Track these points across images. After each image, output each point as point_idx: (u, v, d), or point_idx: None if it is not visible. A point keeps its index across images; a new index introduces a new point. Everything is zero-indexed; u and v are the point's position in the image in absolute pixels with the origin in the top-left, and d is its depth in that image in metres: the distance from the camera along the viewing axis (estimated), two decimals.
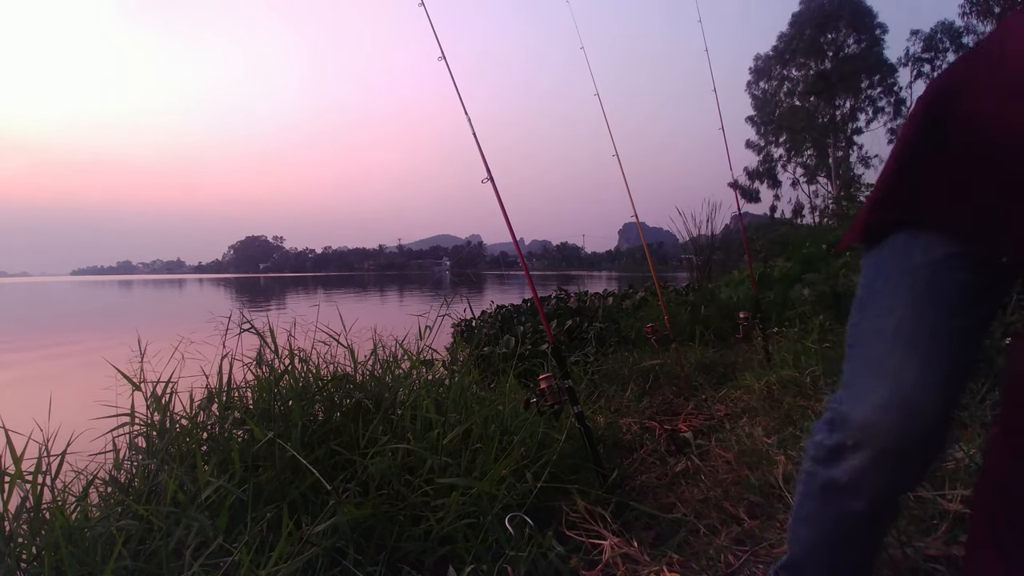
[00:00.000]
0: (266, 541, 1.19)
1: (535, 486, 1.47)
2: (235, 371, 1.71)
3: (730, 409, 2.55)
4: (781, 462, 1.73)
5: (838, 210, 5.83)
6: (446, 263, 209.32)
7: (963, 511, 1.31)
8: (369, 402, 1.67)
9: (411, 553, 1.30)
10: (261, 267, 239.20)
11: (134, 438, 1.55)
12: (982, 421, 1.73)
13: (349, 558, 1.21)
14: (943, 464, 1.53)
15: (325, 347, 1.93)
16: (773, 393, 2.60)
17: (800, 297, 3.65)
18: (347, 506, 1.26)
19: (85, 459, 1.48)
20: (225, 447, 1.45)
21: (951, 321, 0.72)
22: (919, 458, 0.75)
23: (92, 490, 1.42)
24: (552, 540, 1.31)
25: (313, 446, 1.47)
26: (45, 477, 1.31)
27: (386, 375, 1.88)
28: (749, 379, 2.83)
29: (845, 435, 0.77)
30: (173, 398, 1.60)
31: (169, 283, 70.54)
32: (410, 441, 1.52)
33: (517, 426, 1.73)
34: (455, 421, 1.61)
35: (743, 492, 1.61)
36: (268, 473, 1.38)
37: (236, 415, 1.58)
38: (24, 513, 1.25)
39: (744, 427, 2.19)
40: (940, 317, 0.72)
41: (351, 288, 31.13)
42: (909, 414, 0.72)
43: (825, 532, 0.84)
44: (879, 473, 0.75)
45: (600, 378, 3.07)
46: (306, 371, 1.79)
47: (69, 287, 66.70)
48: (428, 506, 1.37)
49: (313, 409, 1.67)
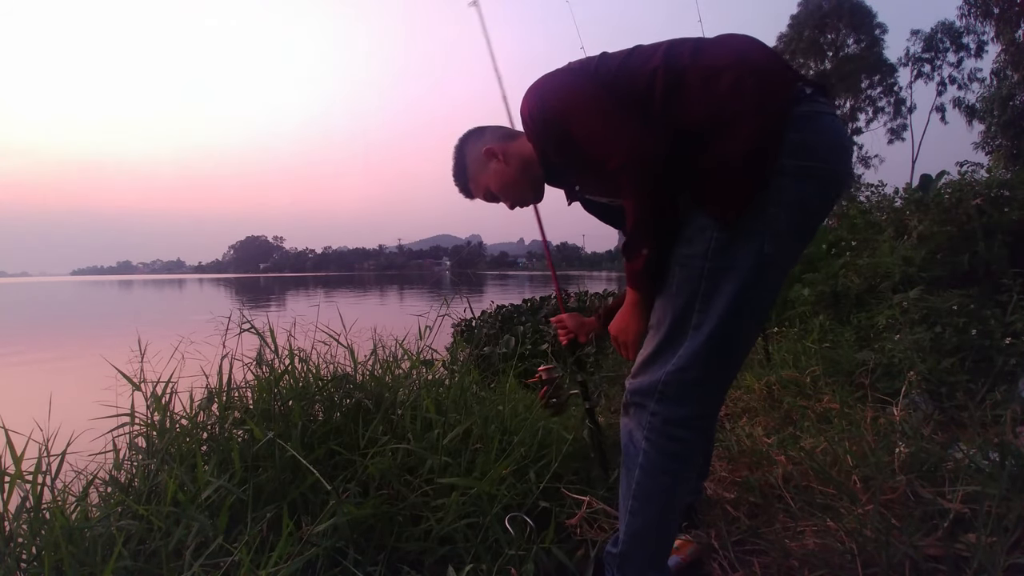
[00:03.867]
0: (266, 541, 1.19)
1: (537, 486, 1.47)
2: (235, 371, 1.71)
3: (730, 409, 2.56)
4: (781, 462, 1.73)
5: (838, 210, 5.81)
6: (446, 263, 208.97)
7: (963, 510, 1.31)
8: (369, 402, 1.67)
9: (411, 553, 1.30)
10: (261, 267, 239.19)
11: (134, 438, 1.55)
12: (982, 421, 1.73)
13: (349, 558, 1.21)
14: (943, 464, 1.54)
15: (325, 347, 1.93)
16: (773, 393, 2.60)
17: (800, 297, 3.65)
18: (347, 506, 1.26)
19: (85, 459, 1.48)
20: (225, 447, 1.45)
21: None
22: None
23: (92, 490, 1.42)
24: (554, 539, 1.31)
25: (313, 446, 1.47)
26: (45, 477, 1.31)
27: (386, 375, 1.88)
28: (749, 379, 2.83)
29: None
30: (173, 398, 1.60)
31: (169, 283, 70.51)
32: (410, 441, 1.52)
33: (517, 426, 1.73)
34: (455, 421, 1.61)
35: (743, 492, 1.61)
36: (268, 473, 1.38)
37: (236, 415, 1.58)
38: (24, 513, 1.25)
39: (744, 427, 2.19)
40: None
41: (351, 288, 31.13)
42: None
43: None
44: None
45: (600, 378, 3.07)
46: (306, 371, 1.79)
47: (69, 287, 66.67)
48: (428, 506, 1.37)
49: (313, 409, 1.67)
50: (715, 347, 0.99)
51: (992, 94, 15.38)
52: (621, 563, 1.09)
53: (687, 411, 1.01)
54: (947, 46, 21.94)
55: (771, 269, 0.99)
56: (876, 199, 4.33)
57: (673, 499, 1.05)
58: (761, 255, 0.96)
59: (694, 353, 0.99)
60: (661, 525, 1.06)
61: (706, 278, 0.98)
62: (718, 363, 1.01)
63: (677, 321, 1.01)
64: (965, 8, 17.16)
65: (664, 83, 0.99)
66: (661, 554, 1.09)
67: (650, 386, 1.03)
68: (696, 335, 0.99)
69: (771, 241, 0.96)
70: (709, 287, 0.98)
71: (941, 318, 2.33)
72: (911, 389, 2.10)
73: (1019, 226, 2.71)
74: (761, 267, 0.97)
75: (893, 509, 1.38)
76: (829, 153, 0.98)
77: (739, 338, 1.01)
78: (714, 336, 0.98)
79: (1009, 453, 1.39)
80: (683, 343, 1.00)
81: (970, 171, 3.25)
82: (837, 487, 1.51)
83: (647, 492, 1.04)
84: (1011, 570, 1.09)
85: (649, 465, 1.03)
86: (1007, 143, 14.64)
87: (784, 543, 1.33)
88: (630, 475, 1.06)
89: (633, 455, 1.06)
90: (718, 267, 0.97)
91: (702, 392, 1.02)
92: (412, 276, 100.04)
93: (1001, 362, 2.09)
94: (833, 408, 2.22)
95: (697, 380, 1.00)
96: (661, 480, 1.03)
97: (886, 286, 2.95)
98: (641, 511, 1.05)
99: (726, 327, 0.98)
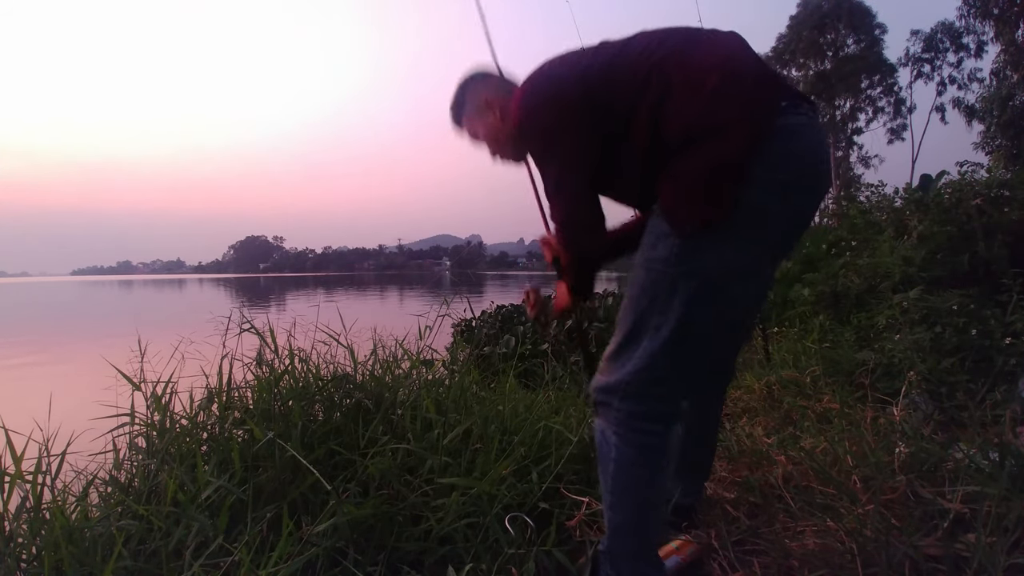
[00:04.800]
0: (266, 541, 1.19)
1: (539, 486, 1.47)
2: (235, 371, 1.71)
3: (730, 409, 2.55)
4: (781, 462, 1.73)
5: (838, 210, 5.83)
6: (446, 263, 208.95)
7: (963, 510, 1.31)
8: (369, 402, 1.67)
9: (411, 553, 1.30)
10: (261, 267, 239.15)
11: (134, 438, 1.55)
12: (982, 421, 1.73)
13: (349, 558, 1.21)
14: (943, 464, 1.54)
15: (325, 347, 1.93)
16: (773, 393, 2.61)
17: (800, 297, 3.65)
18: (347, 506, 1.26)
19: (85, 459, 1.48)
20: (225, 447, 1.45)
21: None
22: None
23: (92, 490, 1.42)
24: (555, 540, 1.31)
25: (313, 446, 1.47)
26: (45, 477, 1.31)
27: (386, 375, 1.88)
28: (749, 379, 2.83)
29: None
30: (173, 398, 1.60)
31: (169, 283, 70.50)
32: (410, 441, 1.52)
33: (517, 426, 1.73)
34: (455, 421, 1.61)
35: (743, 492, 1.61)
36: (268, 473, 1.38)
37: (236, 415, 1.58)
38: (24, 513, 1.25)
39: (744, 427, 2.19)
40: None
41: (351, 288, 31.13)
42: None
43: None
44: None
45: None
46: (306, 371, 1.79)
47: (69, 287, 66.68)
48: (428, 506, 1.37)
49: (313, 409, 1.67)
50: (672, 351, 1.02)
51: (992, 94, 15.39)
52: (611, 559, 1.11)
53: (650, 407, 1.05)
54: (947, 46, 21.94)
55: (734, 277, 1.01)
56: (876, 199, 4.33)
57: (650, 491, 1.07)
58: (724, 263, 0.98)
59: (652, 354, 1.03)
60: (642, 517, 1.08)
61: (668, 283, 1.01)
62: (678, 364, 1.04)
63: (638, 322, 1.05)
64: (964, 8, 17.17)
65: (656, 91, 1.00)
66: (648, 546, 1.11)
67: (615, 384, 1.07)
68: (656, 336, 1.03)
69: (736, 250, 0.98)
70: (670, 291, 1.01)
71: (941, 318, 2.33)
72: (911, 389, 2.10)
73: (1019, 226, 2.71)
74: (723, 275, 0.99)
75: (893, 509, 1.38)
76: (801, 164, 0.99)
77: (700, 343, 1.04)
78: (672, 340, 1.01)
79: (1009, 453, 1.39)
80: (643, 343, 1.04)
81: (970, 171, 3.25)
82: (837, 487, 1.51)
83: (623, 486, 1.07)
84: (1011, 570, 1.09)
85: (621, 459, 1.06)
86: (1007, 143, 14.65)
87: (784, 543, 1.33)
88: (606, 471, 1.09)
89: (607, 452, 1.09)
90: (680, 272, 1.00)
91: (664, 390, 1.05)
92: (412, 276, 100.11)
93: (1001, 362, 2.08)
94: (833, 408, 2.22)
95: (657, 379, 1.04)
96: (634, 473, 1.06)
97: (886, 286, 2.95)
98: (619, 505, 1.08)
99: (684, 331, 1.01)
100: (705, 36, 1.07)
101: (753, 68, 1.00)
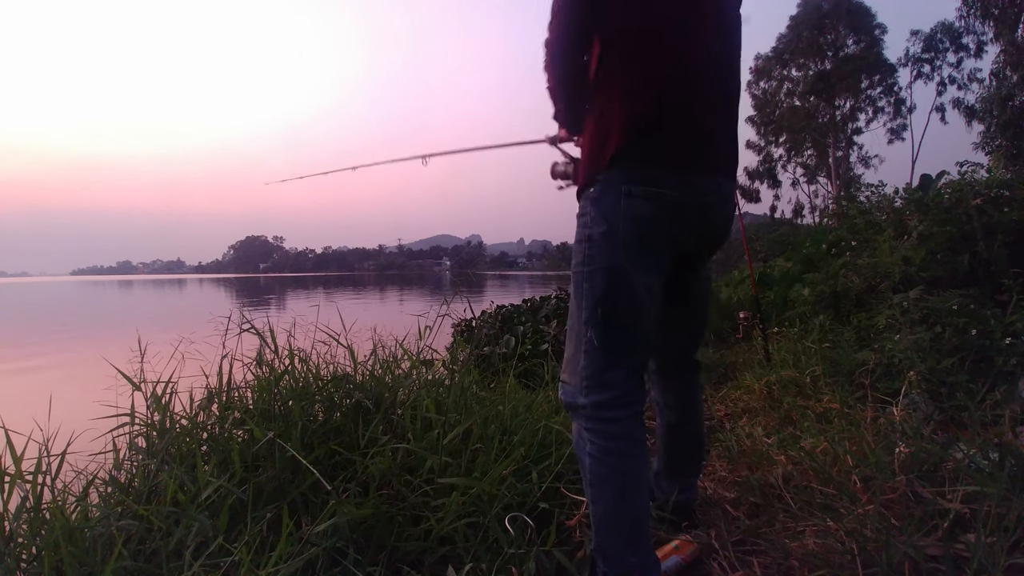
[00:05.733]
0: (266, 541, 1.19)
1: (539, 486, 1.47)
2: (235, 371, 1.71)
3: (730, 409, 2.56)
4: (781, 462, 1.73)
5: (838, 210, 5.82)
6: (446, 263, 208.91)
7: (963, 510, 1.31)
8: (369, 402, 1.67)
9: (411, 553, 1.30)
10: (261, 267, 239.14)
11: (134, 438, 1.55)
12: (982, 421, 1.73)
13: (349, 558, 1.21)
14: (943, 464, 1.53)
15: (325, 347, 1.93)
16: (773, 393, 2.61)
17: (800, 297, 3.65)
18: (347, 506, 1.26)
19: (85, 459, 1.48)
20: (225, 447, 1.45)
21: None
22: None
23: (92, 490, 1.42)
24: (555, 540, 1.31)
25: (313, 446, 1.47)
26: (45, 477, 1.31)
27: (386, 375, 1.88)
28: (749, 379, 2.83)
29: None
30: (173, 398, 1.60)
31: (169, 283, 70.48)
32: (410, 441, 1.51)
33: (517, 426, 1.73)
34: (455, 421, 1.61)
35: (743, 492, 1.61)
36: (268, 473, 1.38)
37: (236, 415, 1.58)
38: (24, 513, 1.25)
39: (744, 427, 2.19)
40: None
41: (351, 288, 31.13)
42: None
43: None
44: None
45: None
46: (306, 371, 1.79)
47: (69, 287, 66.66)
48: (428, 506, 1.37)
49: (313, 409, 1.67)
50: (595, 336, 1.14)
51: (991, 94, 15.37)
52: (600, 554, 1.14)
53: (609, 395, 1.14)
54: (947, 46, 21.95)
55: (621, 273, 1.13)
56: (876, 199, 4.33)
57: (626, 479, 1.11)
58: (616, 259, 1.13)
59: (588, 351, 1.15)
60: (623, 508, 1.12)
61: (583, 282, 1.16)
62: (607, 350, 1.14)
63: (575, 324, 1.19)
64: (964, 9, 17.16)
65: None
66: (634, 537, 1.12)
67: (576, 387, 1.17)
68: (584, 332, 1.15)
69: (622, 252, 1.12)
70: (586, 289, 1.16)
71: (941, 318, 2.33)
72: (911, 389, 2.10)
73: (1019, 226, 2.71)
74: (613, 270, 1.13)
75: (893, 509, 1.38)
76: (685, 194, 1.14)
77: (614, 326, 1.14)
78: (591, 329, 1.14)
79: (1009, 453, 1.39)
80: (583, 342, 1.16)
81: (970, 171, 3.25)
82: (837, 487, 1.51)
83: (599, 478, 1.12)
84: (1011, 570, 1.09)
85: (596, 452, 1.13)
86: (1007, 143, 14.64)
87: (784, 543, 1.33)
88: (584, 468, 1.16)
89: (582, 448, 1.16)
90: (589, 271, 1.15)
91: (612, 377, 1.14)
92: (412, 276, 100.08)
93: (1001, 362, 2.08)
94: (833, 408, 2.22)
95: (601, 368, 1.14)
96: (608, 463, 1.12)
97: (886, 286, 2.95)
98: (600, 497, 1.13)
99: (596, 317, 1.14)
100: (709, 36, 1.18)
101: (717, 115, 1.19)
